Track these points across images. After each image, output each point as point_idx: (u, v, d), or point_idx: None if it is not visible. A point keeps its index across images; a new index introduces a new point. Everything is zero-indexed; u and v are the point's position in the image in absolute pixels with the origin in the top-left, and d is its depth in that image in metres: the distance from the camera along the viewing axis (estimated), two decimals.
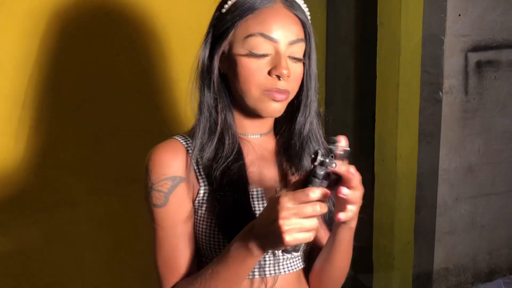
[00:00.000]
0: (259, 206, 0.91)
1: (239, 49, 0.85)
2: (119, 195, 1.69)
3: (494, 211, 2.16)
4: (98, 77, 1.64)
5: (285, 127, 0.96)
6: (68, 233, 1.65)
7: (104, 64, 1.64)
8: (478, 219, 2.13)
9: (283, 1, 0.86)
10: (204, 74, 0.90)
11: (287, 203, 0.70)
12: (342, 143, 0.75)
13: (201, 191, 0.89)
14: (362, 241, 2.38)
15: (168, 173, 0.87)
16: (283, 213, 0.69)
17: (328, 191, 0.71)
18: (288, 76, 0.84)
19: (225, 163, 0.88)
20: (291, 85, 0.87)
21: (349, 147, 0.76)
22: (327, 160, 0.72)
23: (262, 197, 0.91)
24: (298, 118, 0.93)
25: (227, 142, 0.89)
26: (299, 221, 0.70)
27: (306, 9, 0.90)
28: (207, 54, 0.90)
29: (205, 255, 0.92)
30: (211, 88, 0.89)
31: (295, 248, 0.76)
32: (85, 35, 1.60)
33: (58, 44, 1.56)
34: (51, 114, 1.58)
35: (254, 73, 0.84)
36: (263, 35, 0.83)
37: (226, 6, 0.87)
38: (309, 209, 0.69)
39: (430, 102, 1.95)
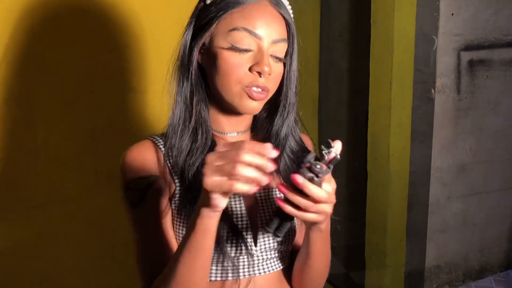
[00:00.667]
0: (235, 205, 0.90)
1: (221, 42, 0.83)
2: (112, 192, 1.68)
3: (485, 209, 2.17)
4: (92, 74, 1.63)
5: (263, 127, 0.95)
6: (60, 229, 1.64)
7: (98, 61, 1.63)
8: (470, 217, 2.14)
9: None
10: (184, 65, 0.88)
11: (209, 157, 0.67)
12: (337, 148, 0.71)
13: (177, 189, 0.88)
14: (354, 239, 2.39)
15: (142, 172, 0.88)
16: (207, 168, 0.67)
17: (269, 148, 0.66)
18: (269, 74, 0.83)
19: (198, 160, 0.86)
20: (270, 84, 0.85)
21: (343, 145, 0.74)
22: (317, 167, 0.69)
23: (237, 195, 0.90)
24: (276, 120, 0.92)
25: (199, 137, 0.88)
26: (220, 168, 0.65)
27: (290, 10, 0.89)
28: (187, 45, 0.88)
29: None
30: (189, 79, 0.88)
31: (276, 230, 0.75)
32: (80, 32, 1.59)
33: (52, 41, 1.55)
34: (44, 111, 1.57)
35: (234, 68, 0.82)
36: (247, 30, 0.82)
37: None
38: (229, 156, 0.65)
39: (422, 100, 1.96)
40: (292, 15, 0.89)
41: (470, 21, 1.95)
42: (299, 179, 0.68)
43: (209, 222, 0.73)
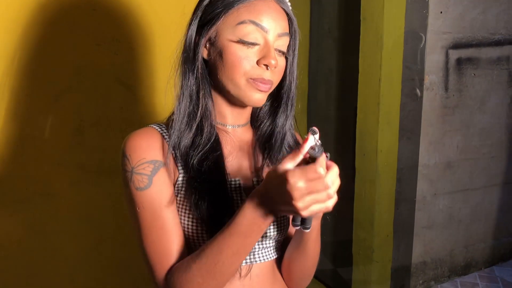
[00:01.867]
0: (236, 196, 0.91)
1: (228, 36, 0.85)
2: (99, 186, 1.68)
3: (471, 206, 2.20)
4: (79, 67, 1.62)
5: (264, 120, 0.97)
6: (47, 224, 1.63)
7: (85, 54, 1.62)
8: (456, 214, 2.16)
9: None
10: (189, 59, 0.90)
11: (298, 183, 0.69)
12: (317, 135, 0.75)
13: (180, 178, 0.89)
14: (341, 235, 2.40)
15: (148, 157, 0.87)
16: (296, 194, 0.70)
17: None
18: (275, 67, 0.86)
19: (202, 151, 0.88)
20: (275, 77, 0.88)
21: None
22: (317, 149, 0.73)
23: (239, 187, 0.92)
24: (280, 113, 0.95)
25: (205, 130, 0.89)
26: (313, 197, 0.70)
27: (290, 7, 0.92)
28: (193, 40, 0.89)
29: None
30: (194, 74, 0.89)
31: (302, 223, 0.78)
32: (67, 24, 1.57)
33: (39, 33, 1.53)
34: (31, 103, 1.55)
35: (241, 61, 0.85)
36: (254, 23, 0.84)
37: None
38: (320, 185, 0.70)
39: (410, 98, 1.97)
40: (293, 12, 0.92)
41: (459, 19, 1.97)
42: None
43: (266, 226, 0.79)
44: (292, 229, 0.99)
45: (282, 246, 1.00)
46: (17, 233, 1.59)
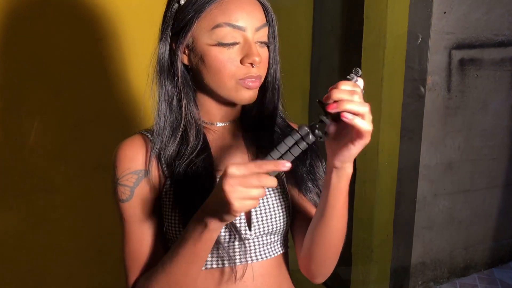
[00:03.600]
0: None
1: (206, 40, 0.83)
2: (97, 181, 1.67)
3: (471, 207, 2.19)
4: (80, 62, 1.61)
5: (254, 111, 0.95)
6: (45, 219, 1.62)
7: (85, 49, 1.61)
8: (456, 215, 2.16)
9: None
10: (165, 69, 0.88)
11: (232, 170, 0.68)
12: (361, 83, 0.76)
13: (167, 184, 0.88)
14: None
15: (133, 167, 0.88)
16: (228, 181, 0.68)
17: (284, 164, 0.68)
18: (260, 63, 0.84)
19: (189, 159, 0.87)
20: (261, 70, 0.86)
21: (294, 131, 0.75)
22: (317, 132, 0.71)
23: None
24: (267, 103, 0.93)
25: (191, 137, 0.88)
26: (245, 189, 0.68)
27: None
28: (167, 48, 0.88)
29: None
30: (174, 83, 0.88)
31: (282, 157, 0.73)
32: (68, 19, 1.57)
33: (39, 28, 1.52)
34: (29, 98, 1.55)
35: (225, 64, 0.83)
36: (230, 24, 0.82)
37: None
38: (254, 181, 0.67)
39: (413, 98, 1.96)
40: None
41: (462, 20, 1.96)
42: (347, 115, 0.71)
43: (215, 234, 0.76)
44: (307, 215, 0.95)
45: (296, 234, 0.97)
46: (16, 228, 1.58)
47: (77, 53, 1.60)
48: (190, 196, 0.85)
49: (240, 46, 0.83)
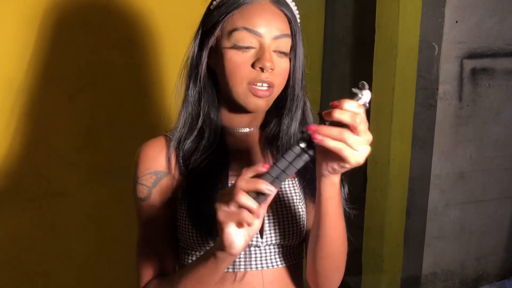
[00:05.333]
0: None
1: (225, 43, 0.86)
2: (109, 186, 1.69)
3: (483, 218, 2.17)
4: (94, 68, 1.63)
5: (272, 123, 0.97)
6: (57, 223, 1.64)
7: (101, 55, 1.63)
8: (467, 225, 2.14)
9: None
10: (192, 69, 0.92)
11: (223, 190, 0.71)
12: (367, 96, 0.70)
13: (184, 185, 0.90)
14: (351, 243, 2.38)
15: (152, 167, 0.90)
16: (218, 197, 0.70)
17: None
18: (272, 69, 0.84)
19: (203, 156, 0.89)
20: (275, 79, 0.86)
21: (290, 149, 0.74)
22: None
23: None
24: (284, 115, 0.94)
25: (206, 135, 0.91)
26: (227, 207, 0.68)
27: (294, 7, 0.91)
28: (196, 50, 0.92)
29: (186, 249, 0.92)
30: (197, 83, 0.91)
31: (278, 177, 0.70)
32: (83, 26, 1.59)
33: (55, 34, 1.55)
34: (44, 103, 1.57)
35: (239, 66, 0.85)
36: (247, 29, 0.84)
37: (215, 2, 0.90)
38: (232, 197, 0.68)
39: (424, 107, 1.96)
40: (297, 13, 0.92)
41: (474, 29, 1.95)
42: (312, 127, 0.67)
43: (224, 265, 0.76)
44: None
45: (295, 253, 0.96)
46: (28, 232, 1.60)
47: (92, 59, 1.62)
48: (200, 193, 0.86)
49: (255, 51, 0.85)
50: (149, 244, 0.91)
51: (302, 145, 0.69)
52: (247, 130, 0.95)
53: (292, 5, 0.91)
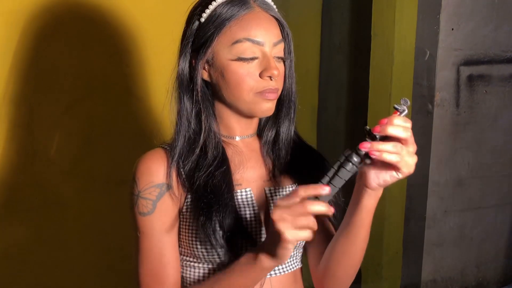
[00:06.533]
0: (249, 207, 0.90)
1: (227, 55, 0.86)
2: (108, 196, 1.68)
3: (482, 224, 2.17)
4: (91, 78, 1.63)
5: (270, 126, 0.97)
6: (55, 233, 1.63)
7: (97, 65, 1.63)
8: (467, 232, 2.14)
9: (259, 5, 0.88)
10: (184, 84, 0.91)
11: (279, 201, 0.72)
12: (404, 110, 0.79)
13: (188, 199, 0.89)
14: None
15: (156, 180, 0.88)
16: (276, 211, 0.71)
17: (323, 188, 0.72)
18: (278, 76, 0.86)
19: (208, 171, 0.88)
20: (279, 84, 0.89)
21: (341, 154, 0.78)
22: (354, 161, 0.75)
23: (251, 196, 0.91)
24: (283, 117, 0.95)
25: (210, 151, 0.90)
26: (292, 218, 0.70)
27: (276, 9, 0.92)
28: (187, 64, 0.90)
29: (189, 261, 0.91)
30: (193, 97, 0.90)
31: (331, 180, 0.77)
32: (80, 36, 1.59)
33: (52, 44, 1.55)
34: (42, 114, 1.57)
35: (244, 78, 0.86)
36: (249, 40, 0.85)
37: (205, 15, 0.88)
38: (299, 208, 0.71)
39: (421, 114, 1.96)
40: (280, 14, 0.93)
41: (470, 36, 1.96)
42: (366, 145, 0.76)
43: (262, 274, 0.79)
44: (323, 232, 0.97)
45: (307, 251, 0.99)
46: (26, 242, 1.59)
47: (89, 68, 1.62)
48: (209, 210, 0.85)
49: (259, 61, 0.86)
50: (154, 258, 0.88)
51: (355, 159, 0.76)
52: (245, 137, 0.96)
53: (275, 7, 0.92)
